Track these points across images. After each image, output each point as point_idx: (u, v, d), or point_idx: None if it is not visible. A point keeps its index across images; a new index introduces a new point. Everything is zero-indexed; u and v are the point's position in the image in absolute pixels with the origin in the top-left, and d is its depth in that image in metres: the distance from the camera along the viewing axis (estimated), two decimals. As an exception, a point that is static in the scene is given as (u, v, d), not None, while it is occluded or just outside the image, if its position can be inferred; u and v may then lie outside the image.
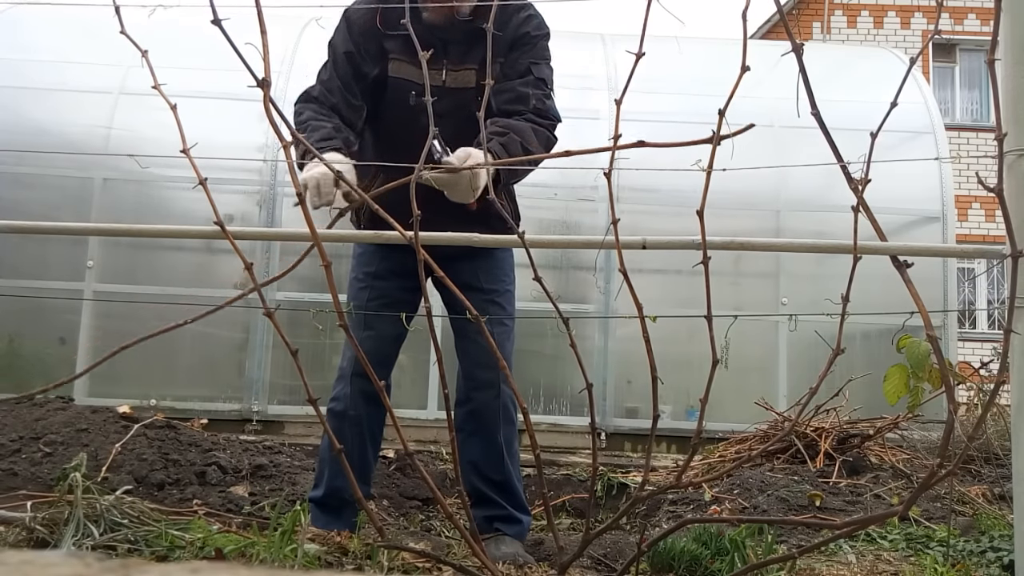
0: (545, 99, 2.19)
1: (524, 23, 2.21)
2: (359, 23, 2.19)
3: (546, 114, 2.17)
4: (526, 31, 2.20)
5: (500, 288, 2.33)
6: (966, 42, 12.29)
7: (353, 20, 2.21)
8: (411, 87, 2.14)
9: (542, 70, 2.21)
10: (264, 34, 1.33)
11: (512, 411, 2.29)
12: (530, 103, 2.14)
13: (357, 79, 2.18)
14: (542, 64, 2.22)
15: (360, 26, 2.19)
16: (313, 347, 4.81)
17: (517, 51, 2.19)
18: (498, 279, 2.34)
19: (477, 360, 2.26)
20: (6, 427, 2.92)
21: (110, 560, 0.56)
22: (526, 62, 2.19)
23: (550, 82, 2.24)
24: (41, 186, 5.07)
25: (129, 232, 1.81)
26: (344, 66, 2.18)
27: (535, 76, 2.18)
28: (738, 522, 2.27)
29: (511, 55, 2.19)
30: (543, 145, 2.11)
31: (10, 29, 5.54)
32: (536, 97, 2.16)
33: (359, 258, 2.38)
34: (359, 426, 2.25)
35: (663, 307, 4.57)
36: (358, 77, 2.18)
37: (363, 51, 2.17)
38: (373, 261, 2.34)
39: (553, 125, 2.18)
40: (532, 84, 2.17)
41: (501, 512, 2.30)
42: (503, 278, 2.35)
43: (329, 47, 2.24)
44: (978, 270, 10.76)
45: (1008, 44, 1.56)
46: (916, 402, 1.74)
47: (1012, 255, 1.41)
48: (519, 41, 2.20)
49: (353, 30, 2.19)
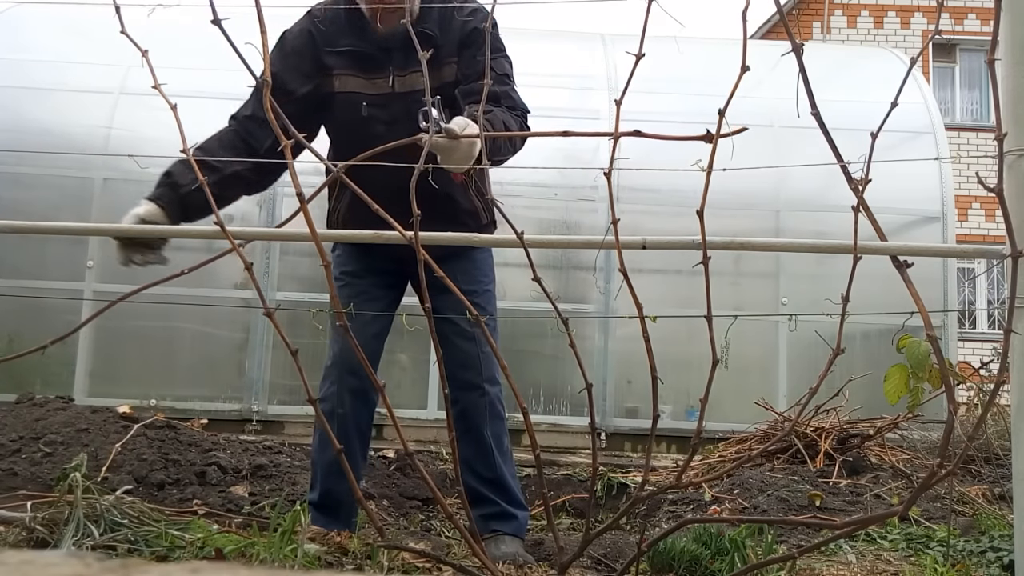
0: (511, 92, 2.19)
1: (469, 17, 2.20)
2: (292, 45, 2.22)
3: (515, 107, 2.17)
4: (474, 26, 2.18)
5: (479, 288, 2.34)
6: (966, 42, 12.29)
7: (286, 43, 2.23)
8: (361, 99, 2.17)
9: (501, 64, 2.20)
10: (264, 34, 1.33)
11: (500, 408, 2.31)
12: (499, 101, 2.13)
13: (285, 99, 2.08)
14: (499, 57, 2.20)
15: (293, 47, 2.22)
16: (313, 347, 4.79)
17: (471, 48, 2.18)
18: (476, 280, 2.34)
19: (459, 361, 2.27)
20: (6, 427, 2.92)
21: (110, 560, 0.56)
22: (481, 59, 2.18)
23: (511, 74, 2.23)
24: (41, 186, 5.07)
25: (129, 232, 1.80)
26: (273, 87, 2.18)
27: (496, 72, 2.16)
28: (738, 522, 2.27)
29: (465, 53, 2.19)
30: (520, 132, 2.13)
31: (10, 29, 5.54)
32: (503, 94, 2.15)
33: (337, 258, 2.41)
34: (347, 424, 2.26)
35: (663, 307, 4.59)
36: (284, 95, 2.10)
37: (294, 70, 2.18)
38: (350, 261, 2.37)
39: (523, 116, 2.19)
40: (496, 80, 2.14)
41: (495, 509, 2.30)
42: (481, 279, 2.37)
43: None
44: (978, 270, 10.76)
45: (1008, 44, 1.56)
46: (916, 402, 1.74)
47: (1012, 255, 1.41)
48: (469, 37, 2.18)
49: (285, 51, 2.22)
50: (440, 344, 2.33)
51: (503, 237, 1.90)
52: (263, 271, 4.79)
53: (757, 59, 1.34)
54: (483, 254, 2.40)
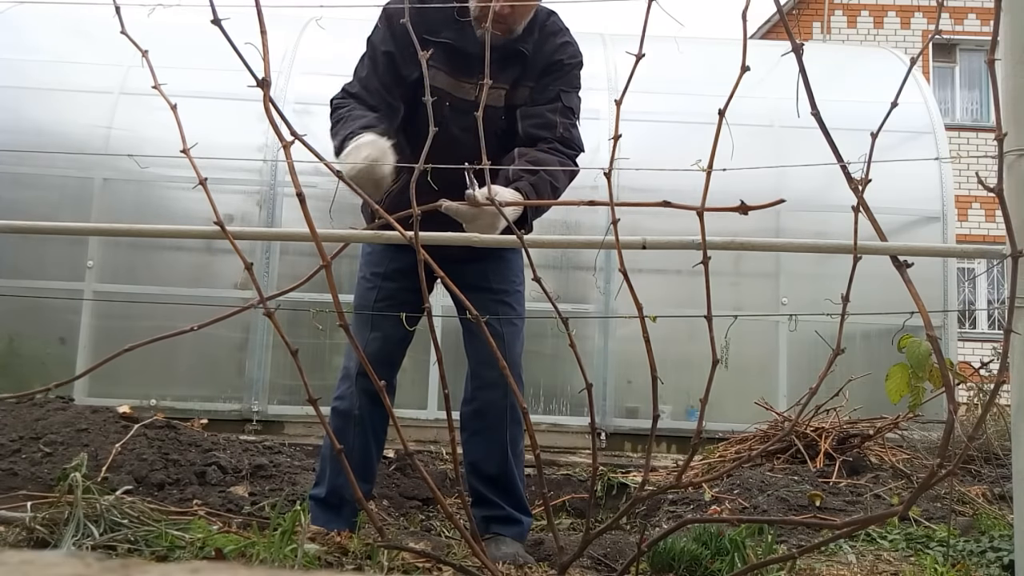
0: (571, 128, 2.19)
1: (559, 50, 2.21)
2: (400, 23, 2.16)
3: (571, 143, 2.17)
4: (560, 58, 2.20)
5: (510, 288, 2.33)
6: (966, 42, 12.29)
7: (394, 19, 2.12)
8: (446, 97, 2.12)
9: (571, 99, 2.21)
10: (264, 34, 1.33)
11: (519, 412, 2.29)
12: (556, 131, 2.14)
13: (397, 81, 2.14)
14: (571, 93, 2.22)
15: (402, 27, 2.16)
16: (313, 347, 4.81)
17: (548, 77, 2.19)
18: (507, 279, 2.33)
19: (484, 359, 2.25)
20: (6, 427, 2.92)
21: (110, 560, 0.56)
22: (556, 89, 2.19)
23: (577, 111, 2.23)
24: (41, 186, 5.07)
25: (129, 232, 1.81)
26: (384, 66, 2.13)
27: (563, 104, 2.18)
28: (738, 522, 2.27)
29: (542, 80, 2.19)
30: (567, 177, 2.13)
31: (10, 29, 5.55)
32: (563, 126, 2.16)
33: (367, 257, 2.37)
34: (363, 425, 2.25)
35: (663, 307, 4.59)
36: (397, 79, 2.14)
37: (404, 53, 2.10)
38: (382, 262, 2.32)
39: (577, 155, 2.18)
40: (560, 112, 2.17)
41: (499, 513, 2.29)
42: (512, 279, 2.35)
43: (368, 44, 2.19)
44: (978, 270, 10.76)
45: (1008, 44, 1.56)
46: (917, 402, 1.74)
47: (1012, 255, 1.41)
48: (552, 67, 2.19)
49: (395, 30, 2.12)
50: (468, 341, 2.33)
51: (504, 237, 1.90)
52: (263, 271, 4.79)
53: (757, 59, 1.34)
54: (514, 254, 2.37)
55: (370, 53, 2.18)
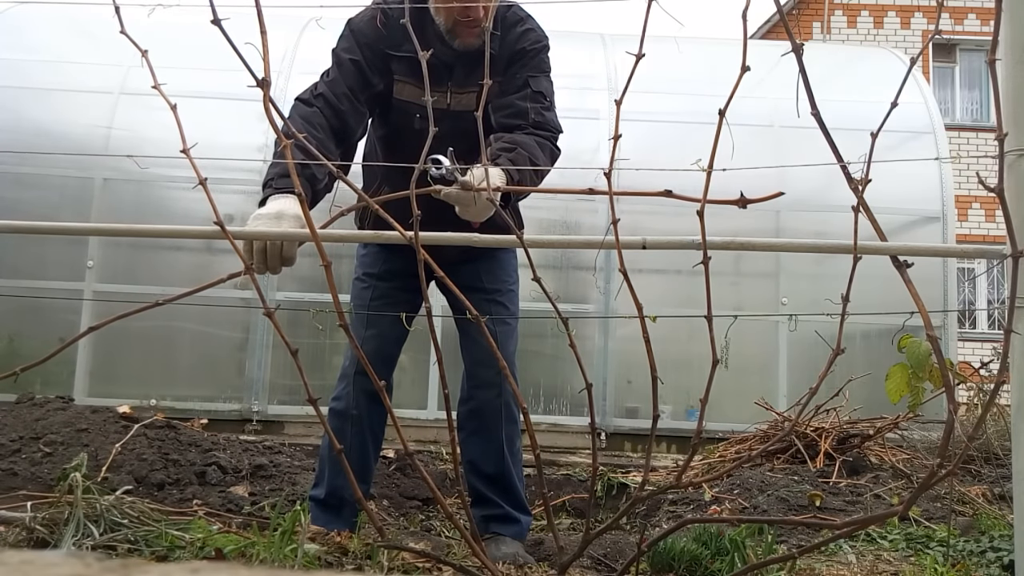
0: (544, 111, 2.18)
1: (521, 38, 2.21)
2: (365, 37, 2.17)
3: (545, 126, 2.16)
4: (522, 46, 2.20)
5: (503, 288, 2.34)
6: (966, 42, 12.29)
7: (359, 33, 2.18)
8: (416, 109, 2.13)
9: (540, 83, 2.21)
10: (264, 34, 1.33)
11: (514, 410, 2.29)
12: (529, 117, 2.14)
13: (363, 88, 2.16)
14: (540, 77, 2.22)
15: (367, 39, 2.17)
16: (313, 347, 4.80)
17: (515, 66, 2.19)
18: (500, 279, 2.35)
19: (479, 359, 2.27)
20: (6, 427, 2.92)
21: (110, 560, 0.56)
22: (523, 76, 2.19)
23: (549, 94, 2.23)
24: (41, 186, 5.07)
25: (129, 232, 1.81)
26: (352, 74, 2.15)
27: (532, 89, 2.18)
28: (738, 522, 2.27)
29: (509, 70, 2.19)
30: (548, 157, 2.12)
31: (10, 29, 5.55)
32: (534, 110, 2.15)
33: (362, 259, 2.39)
34: (361, 425, 2.25)
35: (663, 307, 4.59)
36: (365, 86, 2.16)
37: (370, 64, 2.15)
38: (376, 263, 2.34)
39: (554, 136, 2.18)
40: (530, 98, 2.16)
41: (498, 511, 2.30)
42: (505, 278, 2.36)
43: (333, 54, 2.21)
44: (978, 270, 10.76)
45: (1008, 44, 1.56)
46: (917, 402, 1.74)
47: (1012, 255, 1.41)
48: (516, 56, 2.20)
49: (360, 42, 2.17)
50: (463, 341, 2.34)
51: (503, 237, 1.90)
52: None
53: (757, 59, 1.34)
54: (507, 254, 2.39)
55: (336, 61, 2.20)
